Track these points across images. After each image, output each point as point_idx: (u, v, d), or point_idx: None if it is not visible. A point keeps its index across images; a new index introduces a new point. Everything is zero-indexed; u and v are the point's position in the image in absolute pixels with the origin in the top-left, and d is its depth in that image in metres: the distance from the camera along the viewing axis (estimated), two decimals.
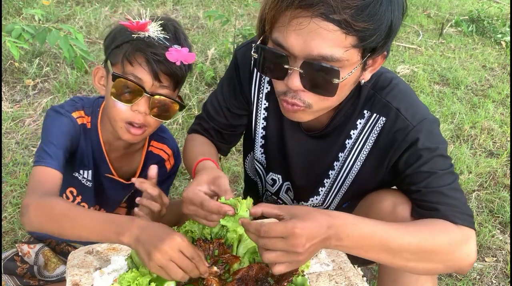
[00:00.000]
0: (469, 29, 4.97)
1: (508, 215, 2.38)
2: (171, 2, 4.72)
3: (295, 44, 0.98)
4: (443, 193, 1.13)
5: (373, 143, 1.25)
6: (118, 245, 1.19)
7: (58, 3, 4.35)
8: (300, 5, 0.95)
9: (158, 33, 1.25)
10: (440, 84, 3.80)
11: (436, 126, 1.21)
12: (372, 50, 1.03)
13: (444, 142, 1.20)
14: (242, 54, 1.37)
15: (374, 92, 1.23)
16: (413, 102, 1.22)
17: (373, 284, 1.95)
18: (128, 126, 1.29)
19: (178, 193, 2.36)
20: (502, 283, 2.03)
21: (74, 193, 1.51)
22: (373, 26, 0.96)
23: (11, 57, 3.21)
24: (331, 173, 1.37)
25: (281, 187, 1.51)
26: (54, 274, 1.59)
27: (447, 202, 1.12)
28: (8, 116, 2.74)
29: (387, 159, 1.23)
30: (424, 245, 1.04)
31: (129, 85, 1.24)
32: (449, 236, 1.07)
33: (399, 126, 1.18)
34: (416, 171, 1.15)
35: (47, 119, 1.35)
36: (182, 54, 1.24)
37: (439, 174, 1.14)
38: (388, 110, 1.20)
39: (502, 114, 3.41)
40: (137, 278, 1.00)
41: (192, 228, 1.14)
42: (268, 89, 1.36)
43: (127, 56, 1.25)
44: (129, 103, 1.26)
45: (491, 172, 2.72)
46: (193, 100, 3.04)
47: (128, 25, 1.25)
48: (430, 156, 1.15)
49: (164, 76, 1.26)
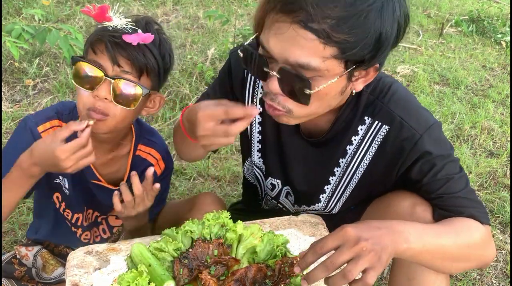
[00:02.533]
0: (469, 29, 4.97)
1: (508, 215, 2.37)
2: (171, 2, 4.72)
3: (274, 48, 0.98)
4: (463, 196, 1.18)
5: (377, 150, 1.25)
6: (118, 245, 1.19)
7: (58, 3, 4.35)
8: (281, 10, 0.94)
9: (123, 22, 1.23)
10: (440, 84, 3.80)
11: (441, 131, 1.23)
12: (360, 62, 0.99)
13: (451, 147, 1.23)
14: (234, 60, 1.36)
15: (374, 99, 1.22)
16: (416, 109, 1.23)
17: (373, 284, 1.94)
18: (89, 112, 1.24)
19: (178, 193, 2.36)
20: (502, 283, 2.02)
21: (59, 199, 1.51)
22: (354, 38, 0.93)
23: (11, 57, 3.20)
24: (332, 179, 1.36)
25: (280, 192, 1.50)
26: (52, 276, 1.58)
27: (469, 204, 1.17)
28: (8, 116, 2.74)
29: (396, 167, 1.23)
30: (463, 244, 1.09)
31: (88, 69, 1.22)
32: (480, 233, 1.13)
33: (406, 136, 1.19)
34: (432, 180, 1.18)
35: (14, 130, 1.40)
36: (140, 36, 1.21)
37: (455, 178, 1.18)
38: (391, 118, 1.20)
39: (502, 114, 3.40)
40: (137, 278, 1.00)
41: (192, 227, 1.14)
42: (262, 94, 1.34)
43: (91, 45, 1.24)
44: (91, 90, 1.23)
45: (491, 172, 2.72)
46: (193, 101, 3.04)
47: (87, 12, 1.23)
48: (443, 163, 1.18)
49: (124, 61, 1.22)
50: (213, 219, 1.15)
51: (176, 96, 3.10)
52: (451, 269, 1.16)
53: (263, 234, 1.14)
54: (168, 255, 1.09)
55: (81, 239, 1.59)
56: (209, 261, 1.08)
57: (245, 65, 1.09)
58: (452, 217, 1.16)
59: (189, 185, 2.43)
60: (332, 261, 0.93)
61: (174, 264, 1.07)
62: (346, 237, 0.94)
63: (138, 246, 1.10)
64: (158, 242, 1.12)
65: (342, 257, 0.93)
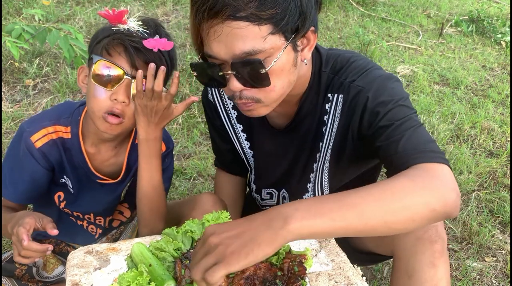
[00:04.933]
0: (469, 29, 4.97)
1: (508, 215, 2.38)
2: (171, 2, 4.72)
3: (219, 51, 1.04)
4: (403, 139, 1.06)
5: (338, 121, 1.27)
6: (118, 245, 1.20)
7: (58, 3, 4.35)
8: (209, 16, 1.00)
9: (137, 26, 1.26)
10: (440, 84, 3.80)
11: (391, 82, 1.18)
12: (296, 30, 1.05)
13: (402, 93, 1.15)
14: (203, 95, 1.50)
15: (333, 76, 1.26)
16: (368, 72, 1.21)
17: (373, 284, 1.95)
18: (106, 115, 1.26)
19: (178, 193, 2.37)
20: (502, 283, 2.02)
21: (60, 198, 1.51)
22: (280, 9, 1.00)
23: (11, 57, 3.21)
24: (315, 166, 1.39)
25: (279, 197, 1.55)
26: (52, 275, 1.59)
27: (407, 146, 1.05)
28: (8, 116, 2.74)
29: (350, 129, 1.24)
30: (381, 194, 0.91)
31: (110, 67, 1.23)
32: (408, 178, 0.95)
33: (353, 94, 1.21)
34: (376, 128, 1.13)
35: (12, 138, 1.41)
36: (160, 42, 1.24)
37: (397, 124, 1.10)
38: (343, 85, 1.23)
39: (502, 114, 3.41)
40: (137, 277, 1.00)
41: (192, 227, 1.14)
42: (236, 114, 1.44)
43: (106, 47, 1.25)
44: (110, 89, 1.24)
45: (491, 172, 2.72)
46: None
47: (104, 15, 1.25)
48: (387, 109, 1.12)
49: (142, 65, 1.24)
50: (212, 220, 1.15)
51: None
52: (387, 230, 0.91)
53: None
54: (168, 255, 1.09)
55: (89, 230, 1.60)
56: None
57: (203, 82, 1.17)
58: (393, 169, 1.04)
59: (189, 185, 2.43)
60: (191, 265, 0.89)
61: (175, 264, 1.07)
62: (204, 238, 0.89)
63: (139, 245, 1.10)
64: (159, 242, 1.12)
65: (195, 258, 0.88)
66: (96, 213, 1.55)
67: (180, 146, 2.72)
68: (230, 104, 1.44)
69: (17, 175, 1.39)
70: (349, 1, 5.37)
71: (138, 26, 1.26)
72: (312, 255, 1.16)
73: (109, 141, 1.42)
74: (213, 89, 1.46)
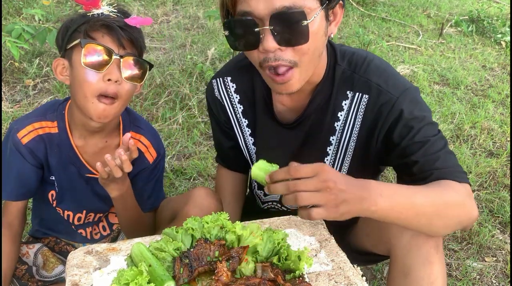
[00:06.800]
0: (469, 29, 4.97)
1: (508, 215, 2.38)
2: (171, 2, 4.72)
3: (257, 4, 1.04)
4: (440, 158, 1.18)
5: (362, 120, 1.28)
6: (118, 245, 1.20)
7: (58, 3, 4.35)
8: None
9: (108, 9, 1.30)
10: (440, 84, 3.80)
11: (418, 95, 1.25)
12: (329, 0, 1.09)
13: (428, 110, 1.24)
14: (208, 92, 1.48)
15: (351, 72, 1.26)
16: (392, 75, 1.26)
17: (373, 284, 1.95)
18: (99, 98, 1.27)
19: (178, 193, 2.37)
20: (502, 283, 2.02)
21: (53, 197, 1.51)
22: None
23: (11, 57, 3.21)
24: (326, 160, 1.38)
25: None
26: (52, 274, 1.58)
27: (445, 165, 1.17)
28: (8, 116, 2.74)
29: (375, 133, 1.26)
30: (438, 201, 1.10)
31: (98, 49, 1.24)
32: (456, 191, 1.13)
33: (383, 100, 1.22)
34: (410, 142, 1.19)
35: (3, 139, 1.42)
36: (139, 19, 1.30)
37: (432, 141, 1.19)
38: (370, 87, 1.24)
39: (502, 114, 3.41)
40: (137, 276, 0.99)
41: (193, 225, 1.14)
42: (242, 108, 1.43)
43: (87, 31, 1.26)
44: (101, 71, 1.25)
45: (491, 172, 2.72)
46: (193, 100, 3.04)
47: (80, 1, 1.28)
48: (420, 125, 1.19)
49: (127, 43, 1.28)
50: (211, 221, 1.15)
51: (176, 97, 3.10)
52: (431, 228, 1.14)
53: (262, 232, 1.14)
54: (168, 255, 1.09)
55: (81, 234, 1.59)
56: (221, 258, 1.07)
57: (233, 44, 1.14)
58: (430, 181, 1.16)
59: (189, 185, 2.43)
60: (295, 184, 0.98)
61: (174, 262, 1.07)
62: (321, 172, 0.98)
63: (138, 245, 1.10)
64: (158, 242, 1.11)
65: (305, 185, 0.98)
66: (89, 210, 1.55)
67: (180, 146, 2.72)
68: (237, 99, 1.43)
69: (5, 172, 1.39)
70: (349, 1, 5.38)
71: (110, 10, 1.30)
72: (312, 255, 1.16)
73: (97, 132, 1.41)
74: (219, 84, 1.45)
